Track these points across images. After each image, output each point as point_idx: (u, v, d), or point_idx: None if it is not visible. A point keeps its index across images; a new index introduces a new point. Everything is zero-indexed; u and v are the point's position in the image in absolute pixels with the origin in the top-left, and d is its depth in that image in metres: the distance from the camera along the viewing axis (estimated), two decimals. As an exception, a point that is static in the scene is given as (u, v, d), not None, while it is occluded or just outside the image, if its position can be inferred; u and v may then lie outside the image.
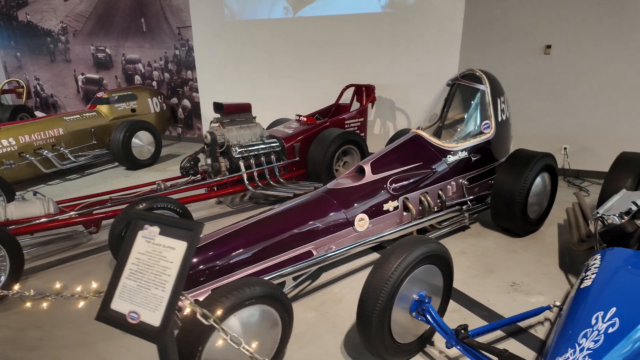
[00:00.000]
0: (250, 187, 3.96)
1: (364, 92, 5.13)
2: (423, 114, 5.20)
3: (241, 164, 3.95)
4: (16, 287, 1.77)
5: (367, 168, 2.95)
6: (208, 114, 6.84)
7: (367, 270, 1.95)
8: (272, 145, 4.17)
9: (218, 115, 4.12)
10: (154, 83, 7.10)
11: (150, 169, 5.56)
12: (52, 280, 2.87)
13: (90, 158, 5.34)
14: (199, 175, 4.16)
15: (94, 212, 3.29)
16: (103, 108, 5.75)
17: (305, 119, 4.59)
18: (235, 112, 4.11)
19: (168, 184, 3.91)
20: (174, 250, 1.31)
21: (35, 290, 1.74)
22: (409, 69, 5.29)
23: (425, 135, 3.23)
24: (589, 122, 4.84)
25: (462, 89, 3.60)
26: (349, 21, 5.49)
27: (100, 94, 5.86)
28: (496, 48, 5.04)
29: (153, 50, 6.93)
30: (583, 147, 4.96)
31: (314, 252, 2.58)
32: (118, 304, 1.34)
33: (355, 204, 2.79)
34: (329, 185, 2.92)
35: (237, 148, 3.95)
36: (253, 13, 5.97)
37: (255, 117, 4.33)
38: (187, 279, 1.69)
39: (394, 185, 2.95)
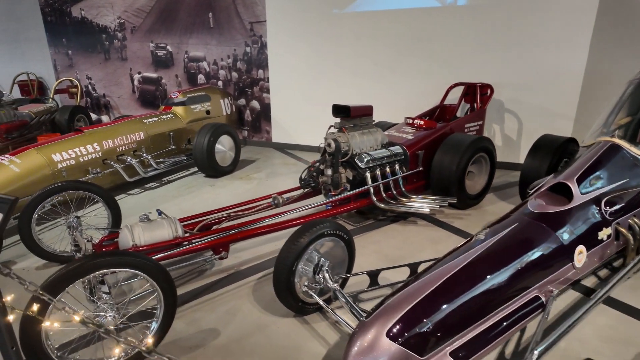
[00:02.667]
0: (377, 202, 3.45)
1: (479, 92, 4.59)
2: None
3: (367, 175, 3.43)
4: None
5: (574, 186, 2.41)
6: (279, 117, 6.37)
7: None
8: (396, 153, 3.65)
9: (337, 120, 3.61)
10: (220, 83, 6.63)
11: (233, 177, 5.08)
12: (200, 324, 2.39)
13: (169, 165, 4.88)
14: (303, 190, 3.65)
15: (220, 233, 2.81)
16: (179, 110, 5.29)
17: (422, 122, 4.06)
18: (359, 116, 3.59)
19: (284, 197, 3.42)
20: None
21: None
22: (523, 66, 4.72)
23: (626, 145, 2.69)
24: None
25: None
26: (450, 13, 4.95)
27: (174, 95, 5.40)
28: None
29: (220, 48, 6.46)
30: None
31: (542, 298, 2.05)
32: None
33: (571, 233, 2.26)
34: (530, 207, 2.39)
35: (363, 157, 3.44)
36: (337, 5, 5.45)
37: (374, 122, 3.81)
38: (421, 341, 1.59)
39: (609, 208, 2.41)
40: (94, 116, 7.40)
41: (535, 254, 2.12)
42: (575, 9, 4.35)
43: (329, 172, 3.47)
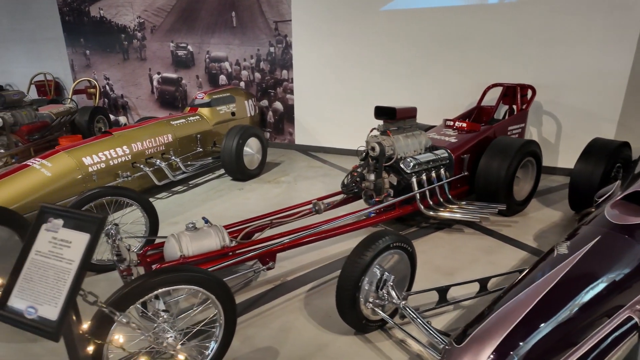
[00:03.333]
0: (424, 209, 3.29)
1: (519, 93, 4.41)
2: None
3: (414, 180, 3.27)
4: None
5: (657, 196, 2.24)
6: (302, 118, 6.23)
7: None
8: (442, 157, 3.49)
9: (380, 122, 3.46)
10: (242, 83, 6.49)
11: (260, 181, 4.93)
12: (255, 342, 2.23)
13: (197, 168, 4.74)
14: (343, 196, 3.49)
15: (268, 242, 2.67)
16: (205, 111, 5.15)
17: (465, 124, 3.90)
18: (403, 119, 3.43)
19: (325, 202, 3.26)
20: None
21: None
22: (564, 66, 4.54)
23: None
24: None
25: None
26: (485, 11, 4.78)
27: (200, 96, 5.26)
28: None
29: (243, 48, 6.33)
30: None
31: (635, 318, 1.89)
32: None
33: (658, 246, 2.09)
34: (609, 217, 2.22)
35: (410, 161, 3.28)
36: (368, 4, 5.29)
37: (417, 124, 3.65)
38: None
39: (695, 220, 2.24)
40: (112, 117, 7.31)
41: (624, 270, 1.95)
42: (622, 5, 4.18)
43: (372, 177, 3.32)
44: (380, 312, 2.14)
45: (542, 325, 1.62)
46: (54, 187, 3.34)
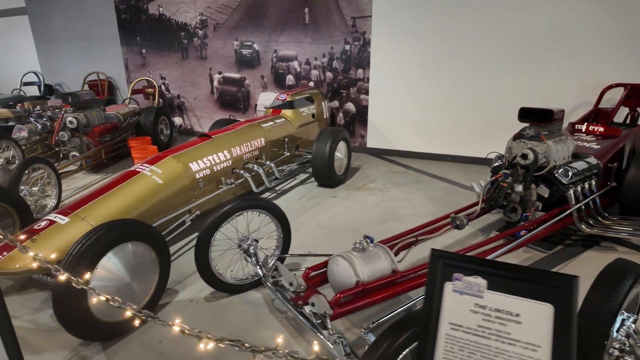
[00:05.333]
0: (584, 226, 2.91)
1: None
2: None
3: (571, 192, 2.90)
4: None
5: None
6: (377, 120, 5.89)
7: None
8: (593, 166, 3.11)
9: (526, 125, 3.09)
10: (311, 83, 6.18)
11: (348, 187, 4.59)
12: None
13: (287, 174, 4.43)
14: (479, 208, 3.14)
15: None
16: (289, 113, 4.84)
17: (602, 128, 3.51)
18: (555, 122, 3.06)
19: (463, 217, 2.90)
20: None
21: None
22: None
23: None
24: None
25: None
26: (597, 2, 4.38)
27: (282, 97, 4.95)
28: None
29: (315, 46, 6.01)
30: None
31: None
32: None
33: None
34: None
35: (568, 171, 2.91)
36: (461, -2, 4.93)
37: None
38: None
39: None
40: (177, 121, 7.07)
41: None
42: None
43: (520, 188, 2.95)
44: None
45: None
46: (166, 195, 3.05)
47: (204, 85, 7.12)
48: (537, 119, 3.01)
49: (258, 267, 2.40)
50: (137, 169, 3.08)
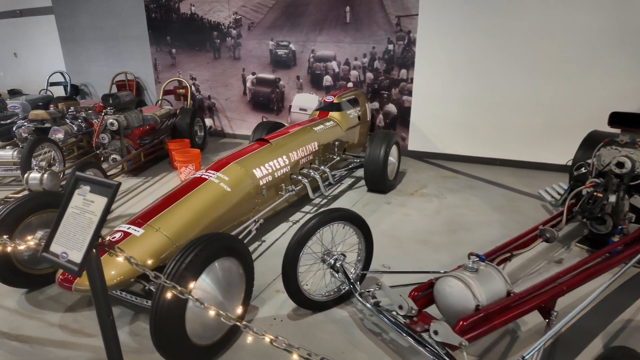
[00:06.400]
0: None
1: None
2: None
3: (669, 204, 2.71)
4: None
5: None
6: (420, 122, 5.70)
7: None
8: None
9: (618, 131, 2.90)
10: (349, 84, 6.01)
11: (400, 193, 4.41)
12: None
13: (338, 179, 4.26)
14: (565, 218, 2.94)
15: (547, 285, 2.14)
16: (336, 115, 4.66)
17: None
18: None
19: (552, 230, 2.71)
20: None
21: None
22: None
23: None
24: None
25: None
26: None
27: (329, 98, 4.78)
28: None
29: (355, 46, 5.84)
30: None
31: None
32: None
33: None
34: None
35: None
36: (516, -4, 4.73)
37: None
38: None
39: None
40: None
41: None
42: None
43: (613, 198, 2.76)
44: None
45: None
46: (233, 203, 2.89)
47: (236, 86, 6.97)
48: (631, 125, 2.81)
49: (350, 284, 2.23)
50: (204, 176, 2.92)
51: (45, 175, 3.55)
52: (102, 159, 4.86)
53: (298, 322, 2.34)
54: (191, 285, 1.76)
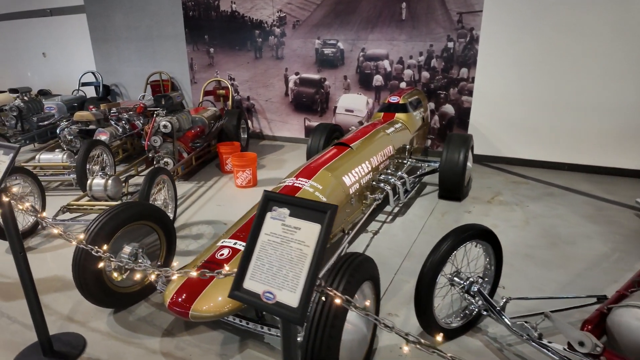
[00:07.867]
0: None
1: None
2: None
3: None
4: None
5: None
6: (480, 124, 5.40)
7: None
8: None
9: None
10: (403, 84, 5.73)
11: (475, 200, 4.10)
12: None
13: (413, 185, 3.98)
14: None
15: None
16: (403, 117, 4.37)
17: None
18: None
19: None
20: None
21: None
22: None
23: None
24: None
25: None
26: None
27: (394, 99, 4.50)
28: None
29: (411, 43, 5.56)
30: None
31: None
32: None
33: None
34: None
35: None
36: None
37: None
38: None
39: None
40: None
41: None
42: None
43: None
44: None
45: None
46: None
47: (278, 86, 6.71)
48: None
49: (496, 312, 1.95)
50: (297, 185, 2.65)
51: (110, 182, 3.30)
52: (154, 162, 4.63)
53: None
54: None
